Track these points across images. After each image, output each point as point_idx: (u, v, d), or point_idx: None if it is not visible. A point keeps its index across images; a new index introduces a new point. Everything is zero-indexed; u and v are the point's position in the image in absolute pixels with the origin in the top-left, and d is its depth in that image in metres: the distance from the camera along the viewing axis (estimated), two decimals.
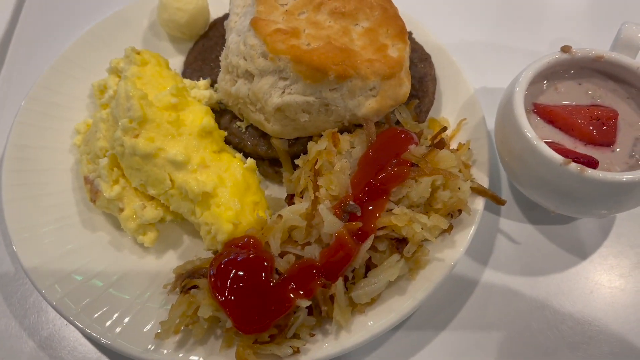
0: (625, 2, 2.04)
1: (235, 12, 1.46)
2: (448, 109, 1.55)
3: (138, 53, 1.45)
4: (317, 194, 1.26)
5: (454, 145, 1.47)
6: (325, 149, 1.30)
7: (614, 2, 2.04)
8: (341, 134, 1.36)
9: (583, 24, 1.98)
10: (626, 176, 1.18)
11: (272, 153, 1.43)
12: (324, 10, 1.36)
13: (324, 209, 1.21)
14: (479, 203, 1.35)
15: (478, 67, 1.78)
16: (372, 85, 1.31)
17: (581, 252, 1.44)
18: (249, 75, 1.35)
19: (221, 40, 1.61)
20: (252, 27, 1.31)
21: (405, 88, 1.37)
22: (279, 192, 1.48)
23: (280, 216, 1.24)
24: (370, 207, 1.23)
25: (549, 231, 1.46)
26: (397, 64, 1.32)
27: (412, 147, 1.30)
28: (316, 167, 1.28)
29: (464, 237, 1.31)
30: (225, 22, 1.51)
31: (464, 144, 1.43)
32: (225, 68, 1.42)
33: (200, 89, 1.47)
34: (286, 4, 1.38)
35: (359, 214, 1.22)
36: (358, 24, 1.37)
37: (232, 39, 1.39)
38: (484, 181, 1.39)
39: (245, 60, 1.34)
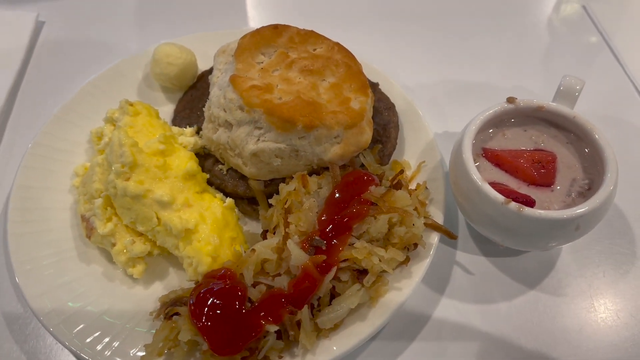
0: (576, 55, 2.23)
1: (218, 68, 1.64)
2: (410, 153, 1.72)
3: (131, 104, 1.62)
4: (287, 230, 1.42)
5: (413, 185, 1.63)
6: (294, 189, 1.46)
7: (566, 54, 2.23)
8: (310, 176, 1.52)
9: (539, 72, 2.16)
10: (559, 213, 1.34)
11: (250, 193, 1.59)
12: (295, 68, 1.54)
13: (292, 243, 1.36)
14: (434, 237, 1.50)
15: (441, 113, 1.97)
16: (336, 134, 1.48)
17: (529, 281, 1.58)
18: (229, 125, 1.52)
19: (207, 91, 1.77)
20: (231, 83, 1.49)
21: (367, 136, 1.54)
22: (257, 228, 1.63)
23: (253, 250, 1.39)
24: (334, 242, 1.38)
25: (501, 263, 1.61)
26: (358, 115, 1.50)
27: (372, 187, 1.45)
28: (286, 206, 1.44)
29: (420, 268, 1.45)
30: (209, 76, 1.69)
31: (421, 184, 1.59)
32: (208, 118, 1.59)
33: (186, 135, 1.64)
34: (262, 62, 1.56)
35: (324, 247, 1.36)
36: (325, 80, 1.55)
37: (214, 92, 1.57)
38: (439, 218, 1.54)
39: (225, 111, 1.51)
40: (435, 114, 1.93)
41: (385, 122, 1.71)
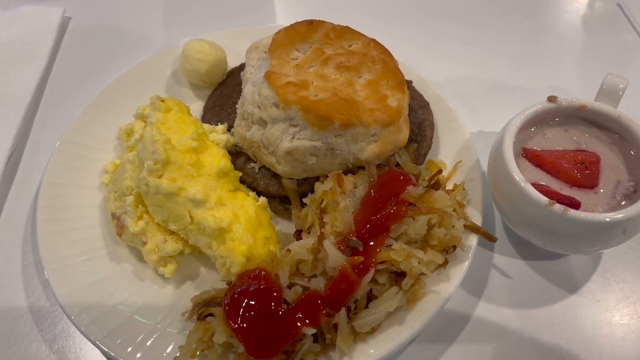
0: (612, 54, 2.17)
1: (251, 65, 1.61)
2: (445, 152, 1.68)
3: (162, 101, 1.59)
4: (322, 230, 1.38)
5: (450, 185, 1.59)
6: (330, 189, 1.43)
7: (602, 53, 2.18)
8: (345, 175, 1.49)
9: (574, 71, 2.11)
10: (606, 216, 1.29)
11: (283, 192, 1.56)
12: (330, 65, 1.51)
13: (328, 244, 1.32)
14: (472, 240, 1.46)
15: (475, 112, 1.92)
16: (373, 132, 1.45)
17: (569, 286, 1.53)
18: (263, 122, 1.49)
19: (237, 88, 1.76)
20: (266, 79, 1.46)
21: (404, 134, 1.50)
22: (289, 227, 1.60)
23: (289, 250, 1.36)
24: (372, 243, 1.34)
25: (539, 267, 1.56)
26: (396, 113, 1.46)
27: (410, 187, 1.41)
28: (322, 206, 1.41)
29: (459, 271, 1.41)
30: (242, 73, 1.66)
31: (459, 185, 1.55)
32: (241, 115, 1.56)
33: (218, 133, 1.61)
34: (297, 59, 1.53)
35: (361, 248, 1.33)
36: (361, 76, 1.52)
37: (247, 89, 1.54)
38: (477, 219, 1.50)
39: (260, 108, 1.48)
40: (469, 112, 1.89)
41: (420, 120, 1.67)
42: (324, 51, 1.53)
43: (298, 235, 1.50)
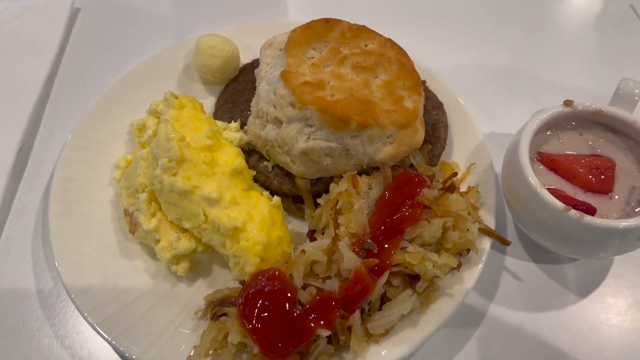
0: (624, 56, 2.17)
1: (266, 62, 1.60)
2: (458, 154, 1.67)
3: (176, 97, 1.58)
4: (337, 231, 1.38)
5: (463, 188, 1.59)
6: (345, 190, 1.42)
7: (614, 55, 2.17)
8: (360, 176, 1.48)
9: (586, 73, 2.10)
10: (622, 223, 1.29)
11: (296, 191, 1.55)
12: (347, 64, 1.49)
13: (344, 246, 1.32)
14: (485, 243, 1.46)
15: (488, 113, 1.91)
16: (390, 134, 1.44)
17: (581, 291, 1.54)
18: (278, 121, 1.48)
19: (249, 85, 1.75)
20: (282, 78, 1.45)
21: (420, 136, 1.49)
22: (301, 226, 1.60)
23: (303, 251, 1.36)
24: (386, 245, 1.34)
25: (551, 270, 1.56)
26: (412, 115, 1.45)
27: (425, 190, 1.41)
28: (337, 207, 1.40)
29: (472, 274, 1.41)
30: (256, 70, 1.64)
31: (472, 188, 1.54)
32: (255, 113, 1.55)
33: (231, 131, 1.60)
34: (313, 57, 1.52)
35: (375, 251, 1.33)
36: (377, 77, 1.51)
37: (262, 87, 1.53)
38: (490, 222, 1.50)
39: (275, 108, 1.47)
40: (481, 113, 1.86)
41: (434, 121, 1.66)
42: (340, 50, 1.52)
43: (311, 235, 1.50)
